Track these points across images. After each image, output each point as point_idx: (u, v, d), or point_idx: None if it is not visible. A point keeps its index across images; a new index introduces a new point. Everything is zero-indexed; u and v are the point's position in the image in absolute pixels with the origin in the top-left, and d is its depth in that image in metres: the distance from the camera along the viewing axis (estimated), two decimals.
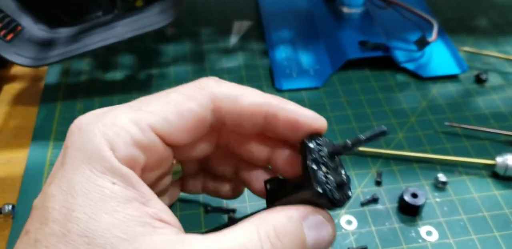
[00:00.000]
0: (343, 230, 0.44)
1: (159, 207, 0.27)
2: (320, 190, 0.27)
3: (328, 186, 0.28)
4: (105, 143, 0.26)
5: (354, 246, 0.42)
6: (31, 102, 0.57)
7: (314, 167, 0.28)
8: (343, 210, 0.45)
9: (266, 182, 0.30)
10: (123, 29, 0.49)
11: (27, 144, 0.52)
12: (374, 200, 0.46)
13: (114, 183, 0.25)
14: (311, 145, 0.29)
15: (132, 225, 0.24)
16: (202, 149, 0.33)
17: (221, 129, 0.33)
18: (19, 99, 0.58)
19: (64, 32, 0.52)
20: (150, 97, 0.29)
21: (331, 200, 0.28)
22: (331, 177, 0.28)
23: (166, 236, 0.25)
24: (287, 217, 0.27)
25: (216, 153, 0.36)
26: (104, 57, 0.62)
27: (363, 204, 0.46)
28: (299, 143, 0.30)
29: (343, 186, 0.29)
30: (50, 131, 0.53)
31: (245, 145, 0.34)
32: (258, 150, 0.33)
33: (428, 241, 0.43)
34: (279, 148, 0.33)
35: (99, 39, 0.49)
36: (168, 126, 0.28)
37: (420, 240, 0.43)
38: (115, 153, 0.26)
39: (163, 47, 0.64)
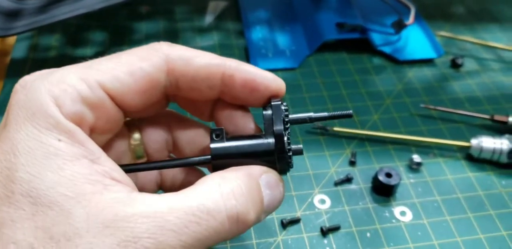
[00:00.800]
0: (316, 209, 0.43)
1: (110, 166, 0.25)
2: (289, 154, 0.28)
3: (290, 159, 0.29)
4: (51, 99, 0.24)
5: (327, 225, 0.42)
6: None
7: (283, 132, 0.28)
8: (316, 189, 0.44)
9: (212, 131, 0.29)
10: (93, 0, 0.47)
11: None
12: (348, 180, 0.45)
13: (60, 140, 0.24)
14: (282, 107, 0.29)
15: (80, 183, 0.23)
16: (152, 106, 0.31)
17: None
18: None
19: (31, 3, 0.50)
20: (101, 58, 0.28)
21: (289, 166, 0.29)
22: (291, 145, 0.29)
23: (117, 193, 0.24)
24: (247, 175, 0.27)
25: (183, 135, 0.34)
26: (75, 33, 0.60)
27: (336, 184, 0.45)
28: (264, 106, 0.30)
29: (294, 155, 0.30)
30: None
31: (191, 100, 0.32)
32: (203, 104, 0.32)
33: (402, 221, 0.43)
34: (222, 103, 0.31)
35: (68, 10, 0.47)
36: (119, 85, 0.27)
37: (393, 220, 0.43)
38: (61, 109, 0.24)
39: (136, 25, 0.62)
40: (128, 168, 0.29)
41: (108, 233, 0.22)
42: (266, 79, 0.29)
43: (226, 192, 0.25)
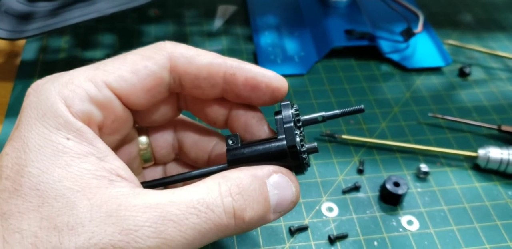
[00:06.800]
0: (324, 217, 0.43)
1: (117, 164, 0.26)
2: (303, 150, 0.28)
3: (304, 154, 0.29)
4: (60, 100, 0.26)
5: (335, 233, 0.42)
6: (6, 78, 0.55)
7: (293, 127, 0.28)
8: (324, 197, 0.45)
9: (227, 137, 0.30)
10: (106, 5, 0.48)
11: (0, 120, 0.50)
12: (356, 188, 0.45)
13: (68, 139, 0.25)
14: (292, 110, 0.29)
15: (86, 178, 0.24)
16: (163, 114, 0.33)
17: (179, 93, 0.32)
18: None
19: (43, 6, 0.50)
20: (108, 59, 0.29)
21: (304, 164, 0.29)
22: (305, 144, 0.29)
23: (121, 188, 0.25)
24: (250, 175, 0.27)
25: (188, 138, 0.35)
26: (84, 35, 0.61)
27: (344, 192, 0.45)
28: (268, 105, 0.31)
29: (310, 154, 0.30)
30: None
31: (203, 109, 0.33)
32: (215, 113, 0.33)
33: (409, 231, 0.43)
34: (236, 112, 0.32)
35: (79, 14, 0.47)
36: (124, 84, 0.28)
37: (401, 229, 0.43)
38: (71, 109, 0.26)
39: (145, 28, 0.62)
40: (152, 184, 0.30)
41: (110, 222, 0.23)
42: (267, 77, 0.30)
43: (224, 190, 0.26)
